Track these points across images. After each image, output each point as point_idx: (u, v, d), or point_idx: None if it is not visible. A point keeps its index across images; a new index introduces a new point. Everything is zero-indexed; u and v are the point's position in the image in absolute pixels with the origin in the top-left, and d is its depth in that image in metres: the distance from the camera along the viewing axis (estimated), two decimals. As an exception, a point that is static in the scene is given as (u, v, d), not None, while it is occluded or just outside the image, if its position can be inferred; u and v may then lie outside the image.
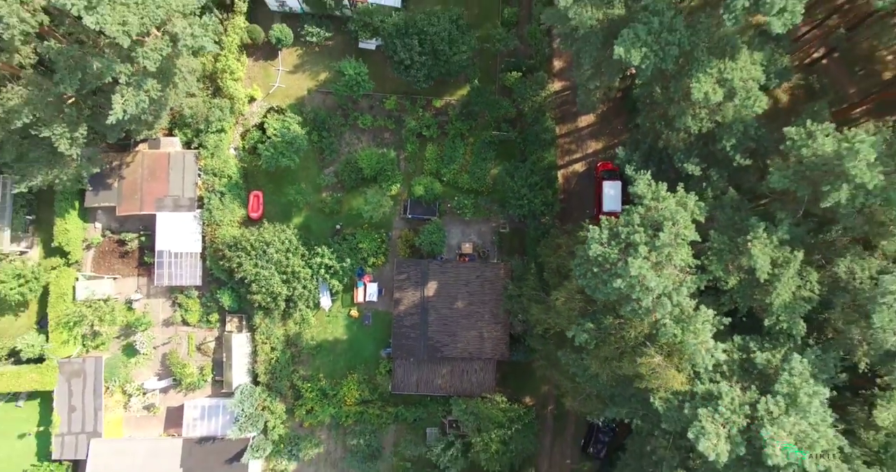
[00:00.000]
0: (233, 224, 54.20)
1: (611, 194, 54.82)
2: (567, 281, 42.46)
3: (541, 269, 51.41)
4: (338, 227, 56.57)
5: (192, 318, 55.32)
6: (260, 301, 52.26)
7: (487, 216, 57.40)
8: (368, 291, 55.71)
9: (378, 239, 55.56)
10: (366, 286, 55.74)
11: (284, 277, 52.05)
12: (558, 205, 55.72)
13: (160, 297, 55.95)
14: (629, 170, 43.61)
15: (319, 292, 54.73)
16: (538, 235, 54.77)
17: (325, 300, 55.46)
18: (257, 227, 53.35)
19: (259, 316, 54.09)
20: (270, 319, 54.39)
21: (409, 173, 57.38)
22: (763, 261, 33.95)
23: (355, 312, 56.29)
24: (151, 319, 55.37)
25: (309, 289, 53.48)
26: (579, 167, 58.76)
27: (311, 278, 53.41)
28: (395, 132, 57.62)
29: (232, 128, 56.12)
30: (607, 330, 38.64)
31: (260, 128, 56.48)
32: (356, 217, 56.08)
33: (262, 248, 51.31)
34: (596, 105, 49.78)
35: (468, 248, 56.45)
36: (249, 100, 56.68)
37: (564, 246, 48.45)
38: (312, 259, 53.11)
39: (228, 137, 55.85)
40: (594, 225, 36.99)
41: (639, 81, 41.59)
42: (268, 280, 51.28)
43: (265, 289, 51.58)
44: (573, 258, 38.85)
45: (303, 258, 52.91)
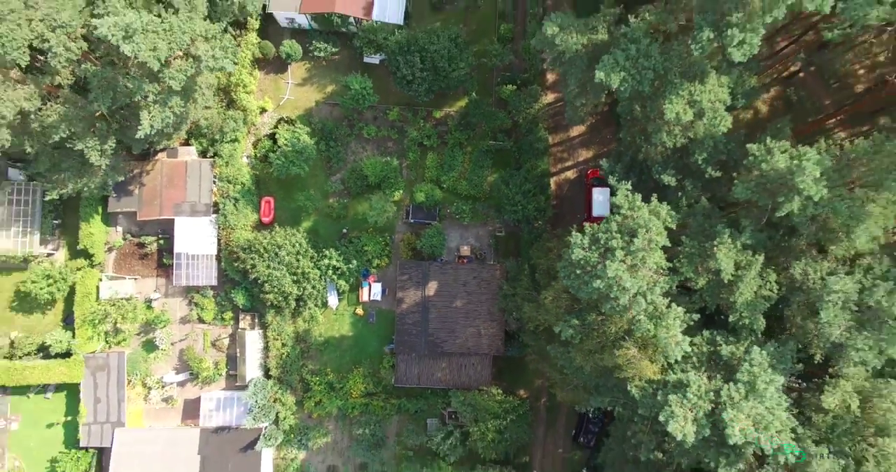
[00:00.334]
0: (246, 228, 56.88)
1: (600, 200, 57.58)
2: (555, 281, 45.40)
3: (533, 270, 54.13)
4: (344, 231, 59.14)
5: (208, 316, 58.01)
6: (272, 300, 55.10)
7: (485, 221, 59.90)
8: (373, 290, 58.17)
9: (382, 242, 58.11)
10: (370, 286, 58.20)
11: (295, 277, 54.74)
12: (551, 210, 58.25)
13: (178, 296, 58.81)
14: (612, 180, 46.91)
15: (327, 292, 57.31)
16: (531, 238, 57.35)
17: (333, 299, 58.04)
18: (269, 231, 55.98)
19: (271, 314, 56.85)
20: (281, 317, 57.13)
21: (411, 180, 60.03)
22: (727, 264, 37.28)
23: (360, 310, 58.88)
24: (170, 317, 58.24)
25: (318, 289, 56.12)
26: (571, 174, 61.50)
27: (320, 279, 56.02)
28: (398, 142, 60.33)
29: (245, 138, 58.95)
30: (590, 326, 41.78)
31: (271, 138, 59.32)
32: (361, 222, 58.69)
33: (275, 250, 54.01)
34: (584, 118, 52.55)
35: (466, 250, 58.87)
36: (261, 111, 59.49)
37: (554, 249, 51.32)
38: (321, 261, 55.68)
39: (242, 147, 58.69)
40: (579, 231, 40.14)
41: (619, 100, 44.75)
42: (279, 280, 54.00)
43: (277, 289, 54.39)
44: (560, 261, 41.96)
45: (312, 260, 55.50)
